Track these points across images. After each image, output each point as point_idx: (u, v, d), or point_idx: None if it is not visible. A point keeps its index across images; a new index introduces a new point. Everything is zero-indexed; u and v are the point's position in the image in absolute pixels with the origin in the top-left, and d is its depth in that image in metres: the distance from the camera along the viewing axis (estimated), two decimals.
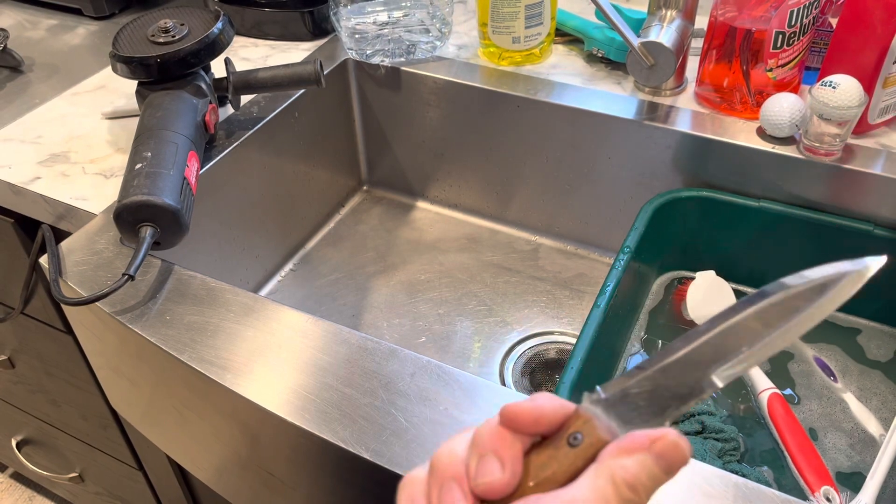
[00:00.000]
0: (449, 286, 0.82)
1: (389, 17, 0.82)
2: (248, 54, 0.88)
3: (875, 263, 0.30)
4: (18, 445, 1.19)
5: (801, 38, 0.68)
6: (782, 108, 0.67)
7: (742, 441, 0.63)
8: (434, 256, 0.86)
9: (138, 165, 0.58)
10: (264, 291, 0.83)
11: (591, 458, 0.28)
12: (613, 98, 0.77)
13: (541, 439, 0.29)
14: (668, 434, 0.27)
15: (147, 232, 0.55)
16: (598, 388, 0.29)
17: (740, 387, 0.67)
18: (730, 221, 0.73)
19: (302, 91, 0.80)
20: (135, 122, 0.66)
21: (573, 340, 0.75)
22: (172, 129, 0.62)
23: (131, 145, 0.62)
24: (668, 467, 0.27)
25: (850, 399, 0.66)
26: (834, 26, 0.69)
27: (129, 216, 0.55)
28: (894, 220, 0.67)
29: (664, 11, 0.72)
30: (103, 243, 0.61)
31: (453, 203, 0.93)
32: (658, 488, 0.27)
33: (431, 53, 0.84)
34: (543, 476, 0.28)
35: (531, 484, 0.28)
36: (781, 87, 0.70)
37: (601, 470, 0.27)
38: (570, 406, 0.29)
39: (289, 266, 0.87)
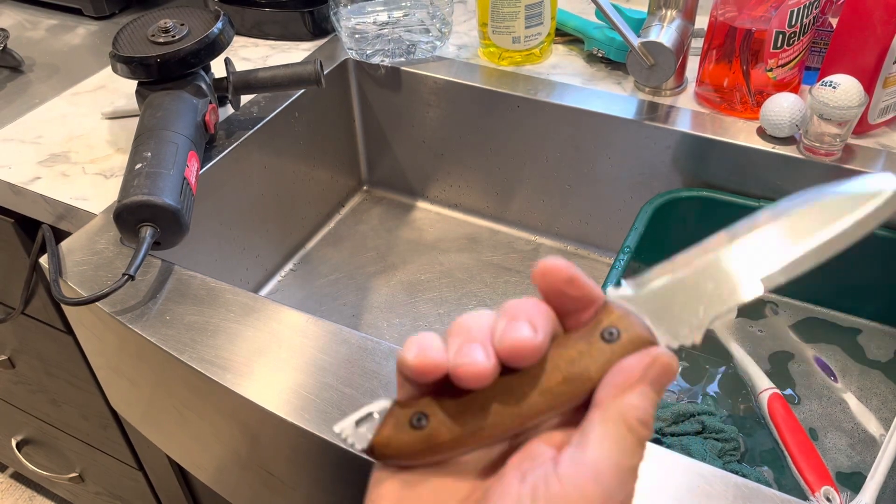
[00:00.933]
0: (449, 286, 0.82)
1: (389, 17, 0.82)
2: (248, 54, 0.88)
3: None
4: (18, 445, 1.19)
5: (801, 38, 0.68)
6: (782, 108, 0.67)
7: (742, 441, 0.62)
8: (434, 256, 0.86)
9: (138, 165, 0.58)
10: (264, 291, 0.83)
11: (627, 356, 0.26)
12: (613, 98, 0.77)
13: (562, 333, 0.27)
14: (660, 356, 0.26)
15: (147, 232, 0.55)
16: (623, 282, 0.28)
17: (740, 387, 0.67)
18: (730, 221, 0.72)
19: (302, 91, 0.80)
20: (135, 122, 0.66)
21: None
22: (172, 129, 0.62)
23: (131, 145, 0.62)
24: (662, 388, 0.26)
25: (851, 399, 0.66)
26: (834, 26, 0.69)
27: (129, 216, 0.55)
28: (894, 221, 0.67)
29: (664, 11, 0.72)
30: (103, 243, 0.61)
31: (453, 203, 0.93)
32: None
33: (431, 53, 0.84)
34: (575, 371, 0.26)
35: (561, 378, 0.26)
36: (781, 87, 0.70)
37: (610, 416, 0.25)
38: (600, 292, 0.27)
39: (289, 266, 0.87)
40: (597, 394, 0.26)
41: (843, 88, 0.63)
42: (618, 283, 0.27)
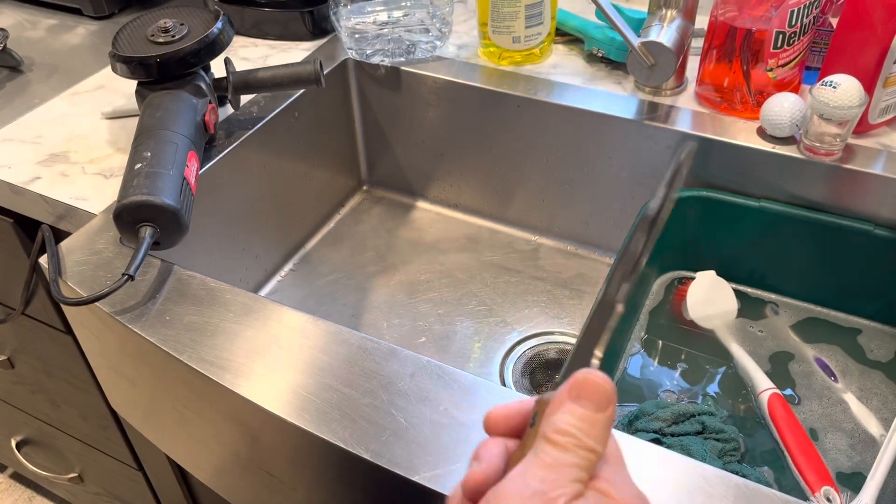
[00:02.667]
0: (449, 286, 0.82)
1: (389, 17, 0.82)
2: (248, 54, 0.88)
3: None
4: (18, 445, 1.19)
5: (801, 37, 0.68)
6: (783, 107, 0.67)
7: (742, 441, 0.62)
8: (434, 256, 0.86)
9: (138, 165, 0.58)
10: (264, 291, 0.83)
11: None
12: (614, 98, 0.77)
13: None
14: (577, 374, 0.28)
15: (147, 232, 0.55)
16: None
17: (741, 387, 0.67)
18: (730, 221, 0.73)
19: (302, 91, 0.80)
20: (134, 121, 0.66)
21: (573, 340, 0.75)
22: (172, 129, 0.62)
23: (131, 145, 0.62)
24: (595, 404, 0.28)
25: (851, 399, 0.66)
26: (834, 26, 0.69)
27: (128, 216, 0.55)
28: (894, 220, 0.67)
29: (664, 11, 0.72)
30: (103, 243, 0.61)
31: (453, 203, 0.93)
32: (603, 429, 0.28)
33: (431, 53, 0.84)
34: (516, 461, 0.29)
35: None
36: (782, 86, 0.70)
37: (538, 437, 0.28)
38: (531, 400, 0.32)
39: (288, 266, 0.87)
40: None
41: (844, 88, 0.63)
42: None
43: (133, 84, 0.69)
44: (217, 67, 0.74)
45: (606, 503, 0.27)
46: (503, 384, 0.71)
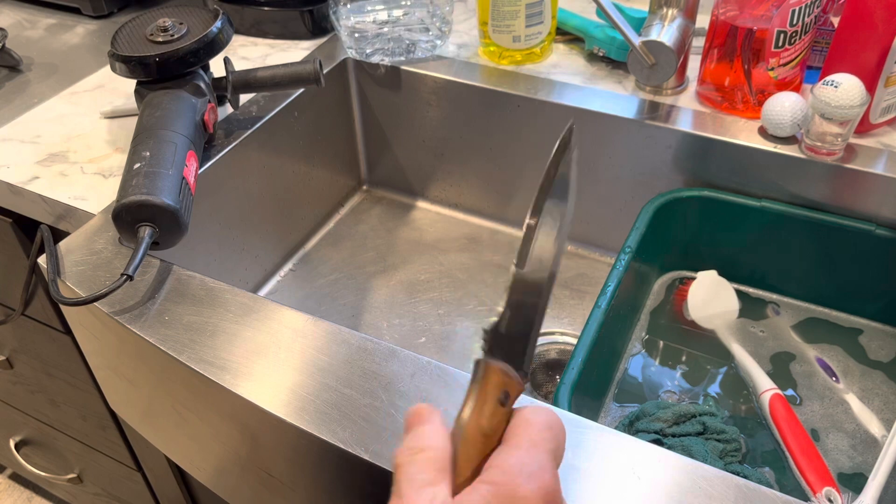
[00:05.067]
0: (449, 286, 0.82)
1: (389, 16, 0.82)
2: (248, 53, 0.88)
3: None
4: (17, 446, 1.19)
5: (802, 37, 0.67)
6: (784, 107, 0.67)
7: (743, 442, 0.62)
8: (434, 256, 0.86)
9: (137, 165, 0.58)
10: (264, 291, 0.83)
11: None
12: (614, 97, 0.76)
13: None
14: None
15: (146, 232, 0.55)
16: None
17: (742, 387, 0.67)
18: (731, 221, 0.72)
19: (301, 90, 0.80)
20: (134, 121, 0.66)
21: (574, 341, 0.75)
22: (171, 129, 0.62)
23: (130, 145, 0.61)
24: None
25: (852, 400, 0.66)
26: (836, 25, 0.69)
27: (127, 216, 0.55)
28: (895, 220, 0.67)
29: (665, 10, 0.72)
30: (102, 243, 0.61)
31: (453, 203, 0.92)
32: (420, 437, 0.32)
33: (431, 52, 0.84)
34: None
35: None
36: (783, 86, 0.70)
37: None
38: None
39: (288, 266, 0.86)
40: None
41: (845, 88, 0.62)
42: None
43: (132, 83, 0.69)
44: (216, 67, 0.74)
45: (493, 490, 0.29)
46: None
